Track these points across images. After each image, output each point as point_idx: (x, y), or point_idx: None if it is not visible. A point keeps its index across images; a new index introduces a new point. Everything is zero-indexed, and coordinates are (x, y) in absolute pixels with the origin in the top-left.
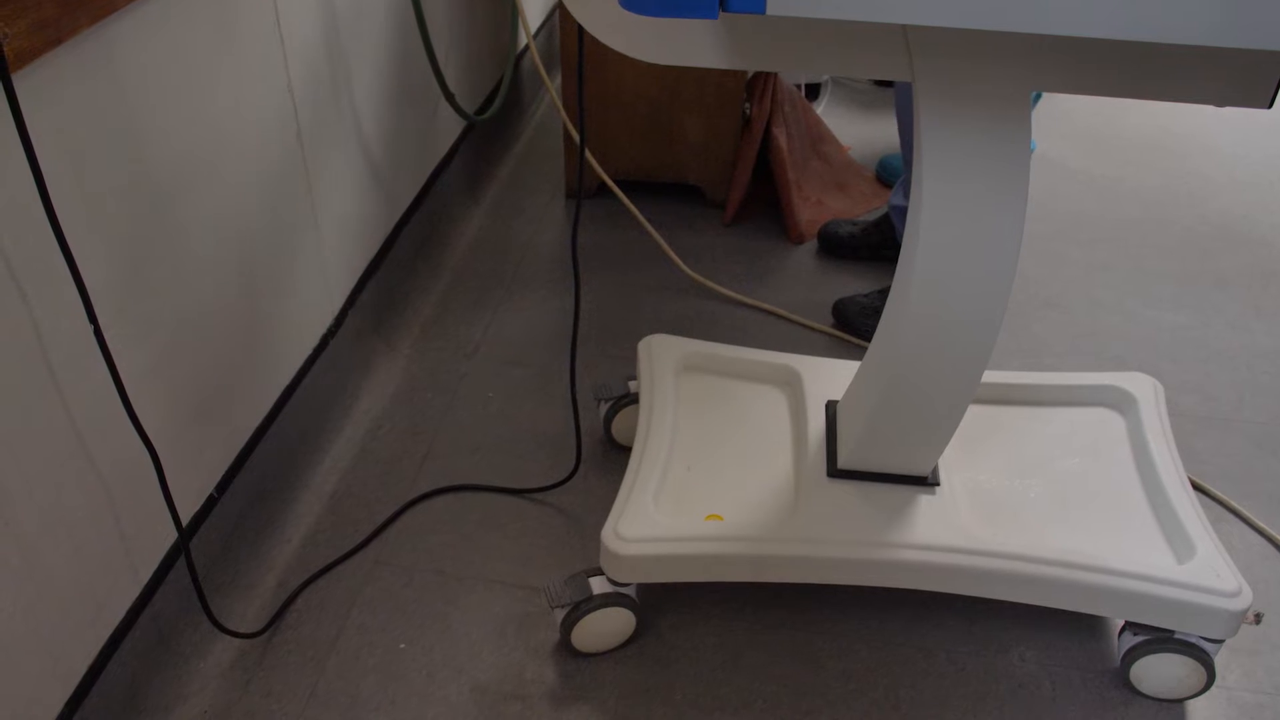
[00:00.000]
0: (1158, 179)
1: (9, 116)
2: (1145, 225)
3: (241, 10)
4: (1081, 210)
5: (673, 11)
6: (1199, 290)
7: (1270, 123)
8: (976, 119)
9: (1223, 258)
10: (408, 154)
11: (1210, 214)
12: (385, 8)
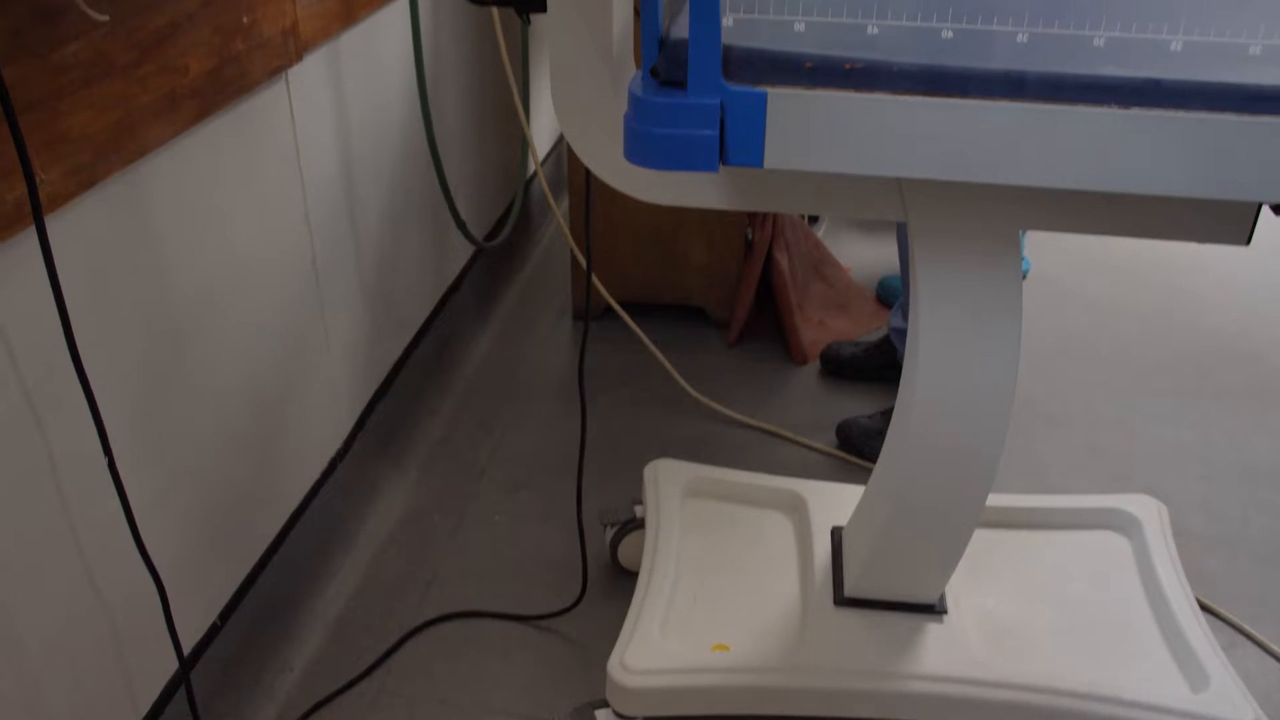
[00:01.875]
0: (1152, 296)
1: (38, 255)
2: (1142, 342)
3: (264, 147)
4: (1079, 328)
5: (675, 166)
6: (1199, 406)
7: (1259, 241)
8: (968, 255)
9: (1220, 373)
10: (419, 279)
11: (1206, 330)
12: (400, 139)
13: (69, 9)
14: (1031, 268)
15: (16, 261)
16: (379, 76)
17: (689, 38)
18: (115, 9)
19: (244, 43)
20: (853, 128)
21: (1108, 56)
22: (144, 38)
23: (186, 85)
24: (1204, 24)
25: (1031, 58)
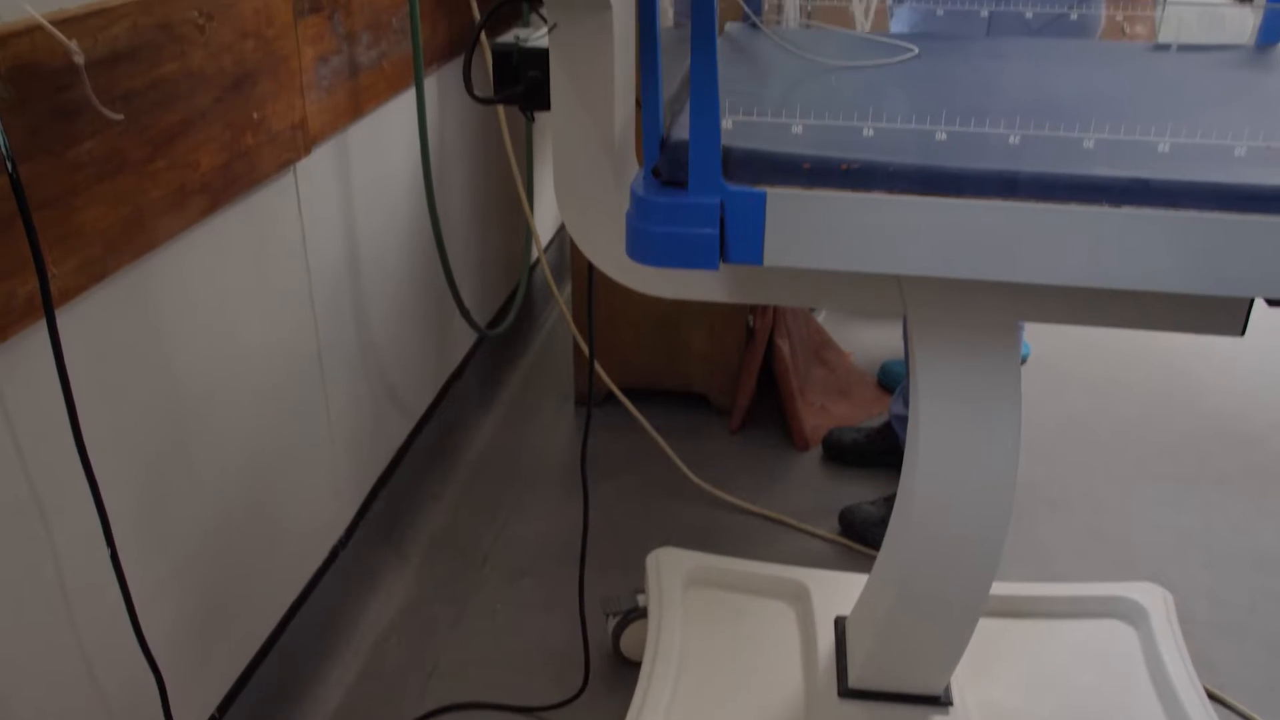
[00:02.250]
0: (1151, 380)
1: (47, 348)
2: (1142, 425)
3: (271, 239)
4: (1079, 411)
5: (676, 263)
6: (1201, 491)
7: (1256, 327)
8: (967, 346)
9: (1221, 457)
10: (422, 366)
11: (1206, 413)
12: (405, 228)
13: (85, 108)
14: (1031, 352)
15: (26, 354)
16: (385, 167)
17: (690, 139)
18: (130, 107)
19: (254, 137)
20: (850, 226)
21: (1098, 157)
22: (157, 134)
23: (197, 180)
24: (1190, 126)
25: (1024, 158)
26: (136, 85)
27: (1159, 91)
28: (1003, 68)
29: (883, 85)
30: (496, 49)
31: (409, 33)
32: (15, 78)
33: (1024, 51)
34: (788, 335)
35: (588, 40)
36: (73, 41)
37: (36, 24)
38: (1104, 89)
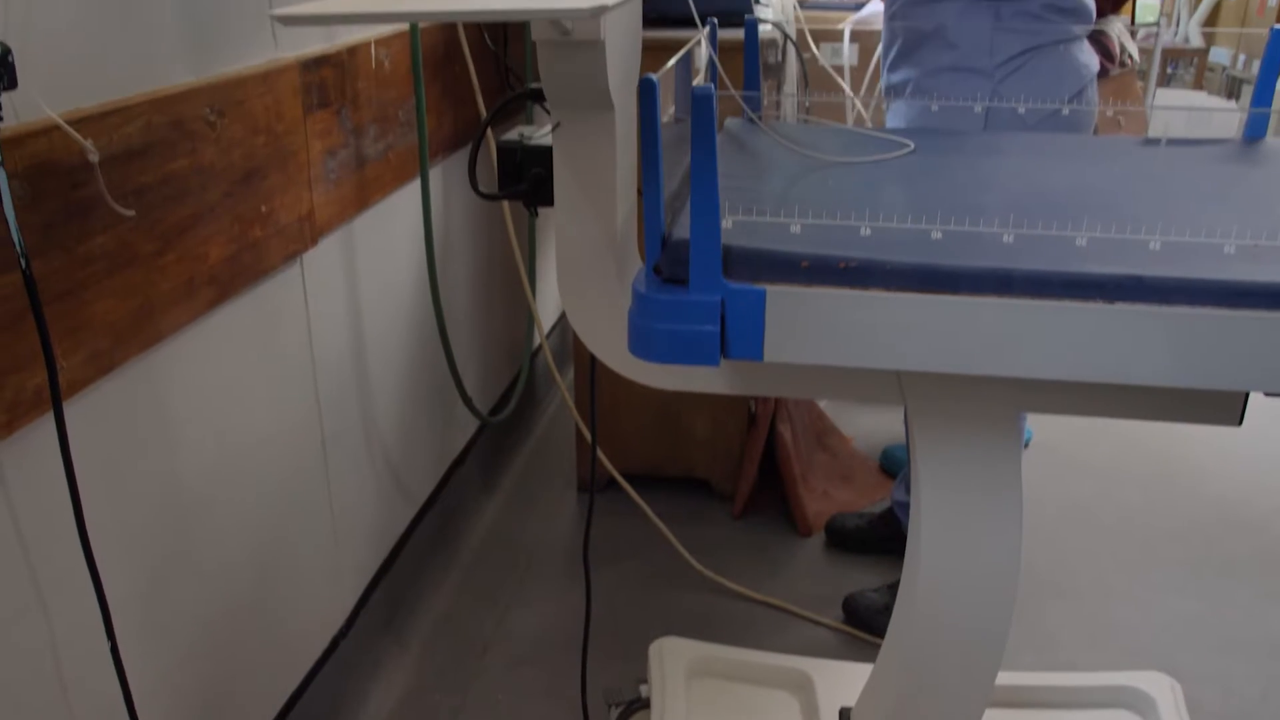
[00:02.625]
0: (1155, 465)
1: (54, 440)
2: (1147, 510)
3: (277, 329)
4: (1082, 497)
5: (678, 360)
6: (1208, 577)
7: (1257, 411)
8: (967, 437)
9: (1227, 542)
10: (424, 453)
11: (1210, 498)
12: (409, 316)
13: (98, 204)
14: (1033, 436)
15: (33, 446)
16: (390, 257)
17: (690, 239)
18: (141, 202)
19: (262, 230)
20: (849, 323)
21: (1090, 255)
22: (167, 228)
23: (205, 272)
24: (1180, 224)
25: (1018, 256)
26: (149, 181)
27: (1150, 187)
28: (997, 163)
29: (880, 181)
30: (501, 146)
31: (415, 125)
32: (32, 176)
33: (1018, 146)
34: (789, 421)
35: (591, 138)
36: (88, 140)
37: (54, 124)
38: (1096, 184)
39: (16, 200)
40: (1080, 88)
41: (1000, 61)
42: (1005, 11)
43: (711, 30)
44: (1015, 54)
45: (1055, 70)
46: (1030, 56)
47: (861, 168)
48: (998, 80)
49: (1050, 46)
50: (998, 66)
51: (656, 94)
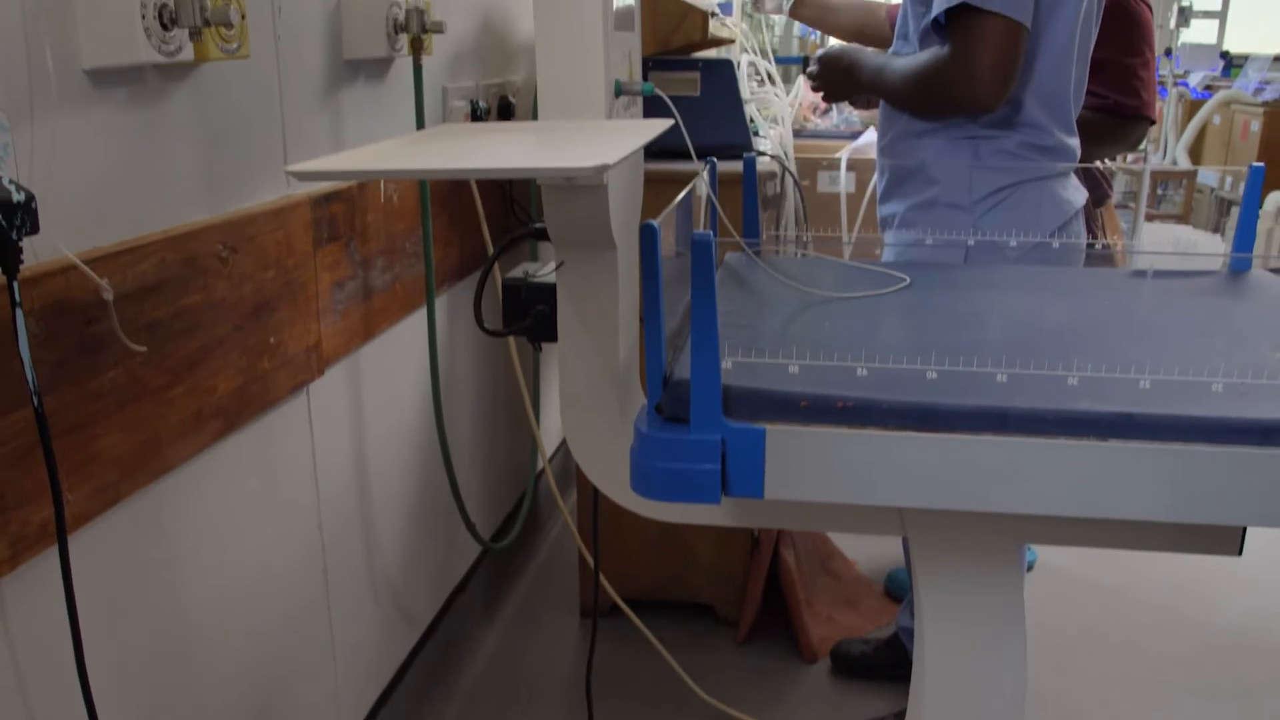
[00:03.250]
0: (1162, 585)
1: (57, 573)
2: (1157, 634)
3: (282, 460)
4: (1090, 619)
5: (679, 498)
6: (1224, 704)
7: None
8: (968, 569)
9: (1242, 666)
10: (426, 580)
11: (1221, 620)
12: (413, 443)
13: (111, 340)
14: (1038, 558)
15: (36, 580)
16: (395, 385)
17: (691, 379)
18: (153, 337)
19: (270, 361)
20: (848, 462)
21: (1082, 393)
22: (177, 362)
23: (213, 404)
24: (1169, 362)
25: (1012, 395)
26: (161, 316)
27: (1138, 322)
28: (990, 298)
29: (876, 317)
30: (506, 283)
31: (422, 255)
32: (48, 314)
33: (1010, 280)
34: (793, 545)
35: (594, 276)
36: (104, 280)
37: (71, 264)
38: (1086, 319)
39: (31, 338)
40: (1063, 223)
41: (979, 198)
42: (984, 150)
43: (711, 169)
44: (994, 190)
45: (1035, 206)
46: (1010, 192)
47: (858, 303)
48: (977, 216)
49: (1030, 183)
50: (976, 203)
51: (658, 240)
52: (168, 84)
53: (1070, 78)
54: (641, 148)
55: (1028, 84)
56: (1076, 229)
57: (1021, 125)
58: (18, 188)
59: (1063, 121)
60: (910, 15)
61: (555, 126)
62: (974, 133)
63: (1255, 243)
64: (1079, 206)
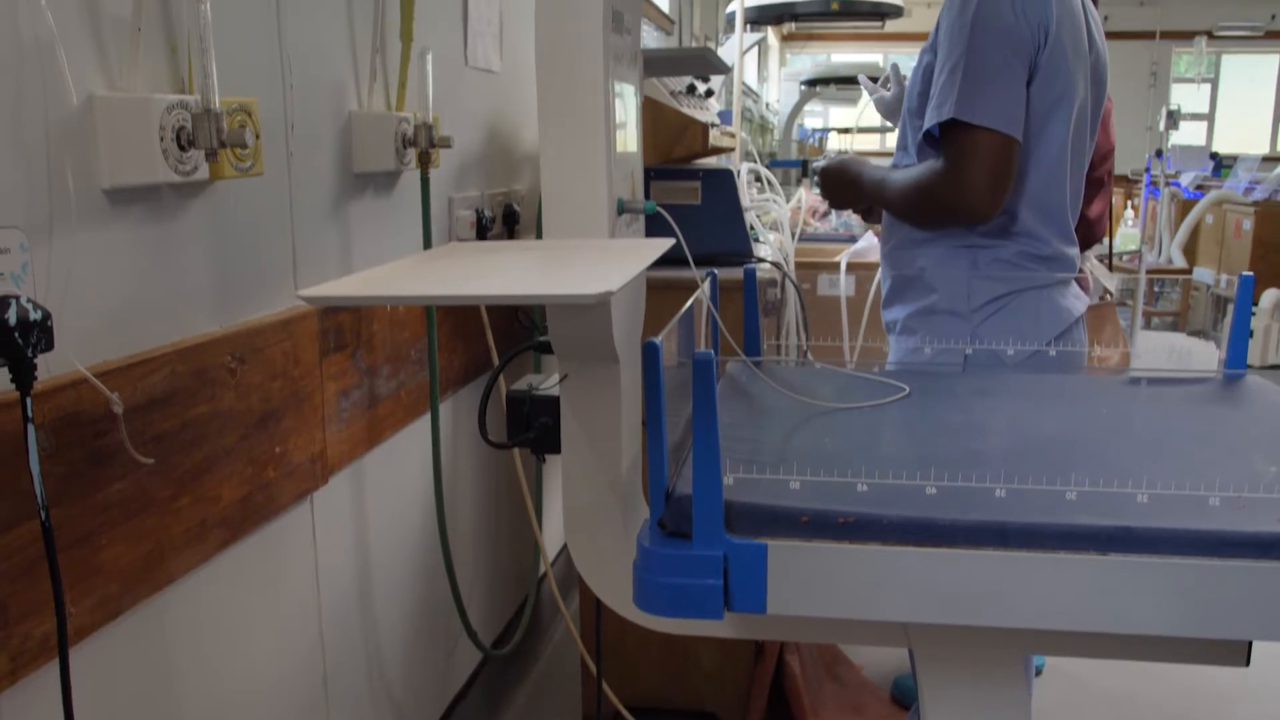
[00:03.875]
0: (1172, 689)
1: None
2: None
3: (285, 569)
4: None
5: (682, 614)
6: None
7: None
8: (973, 680)
9: None
10: (426, 688)
11: None
12: (415, 549)
13: (119, 452)
14: (1046, 663)
15: (36, 694)
16: (398, 491)
17: (693, 495)
18: (160, 449)
19: (275, 470)
20: (850, 577)
21: (1080, 507)
22: (183, 473)
23: (217, 514)
24: (1166, 475)
25: (1011, 509)
26: (169, 427)
27: (1135, 431)
28: (989, 407)
29: (877, 428)
30: (510, 395)
31: (427, 363)
32: (58, 427)
33: (1008, 388)
34: (797, 650)
35: (597, 389)
36: (115, 394)
37: (82, 378)
38: (1083, 429)
39: (41, 451)
40: (1062, 330)
41: (977, 306)
42: (982, 259)
43: (712, 281)
44: (992, 298)
45: (1033, 314)
46: (1009, 300)
47: (858, 414)
48: (976, 324)
49: (1029, 291)
50: (974, 311)
51: (660, 358)
52: (182, 201)
53: (1066, 188)
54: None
55: (1022, 194)
56: (1078, 336)
57: (1018, 235)
58: (35, 306)
59: (1060, 231)
60: (909, 128)
61: (559, 246)
62: (972, 242)
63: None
64: (1079, 314)
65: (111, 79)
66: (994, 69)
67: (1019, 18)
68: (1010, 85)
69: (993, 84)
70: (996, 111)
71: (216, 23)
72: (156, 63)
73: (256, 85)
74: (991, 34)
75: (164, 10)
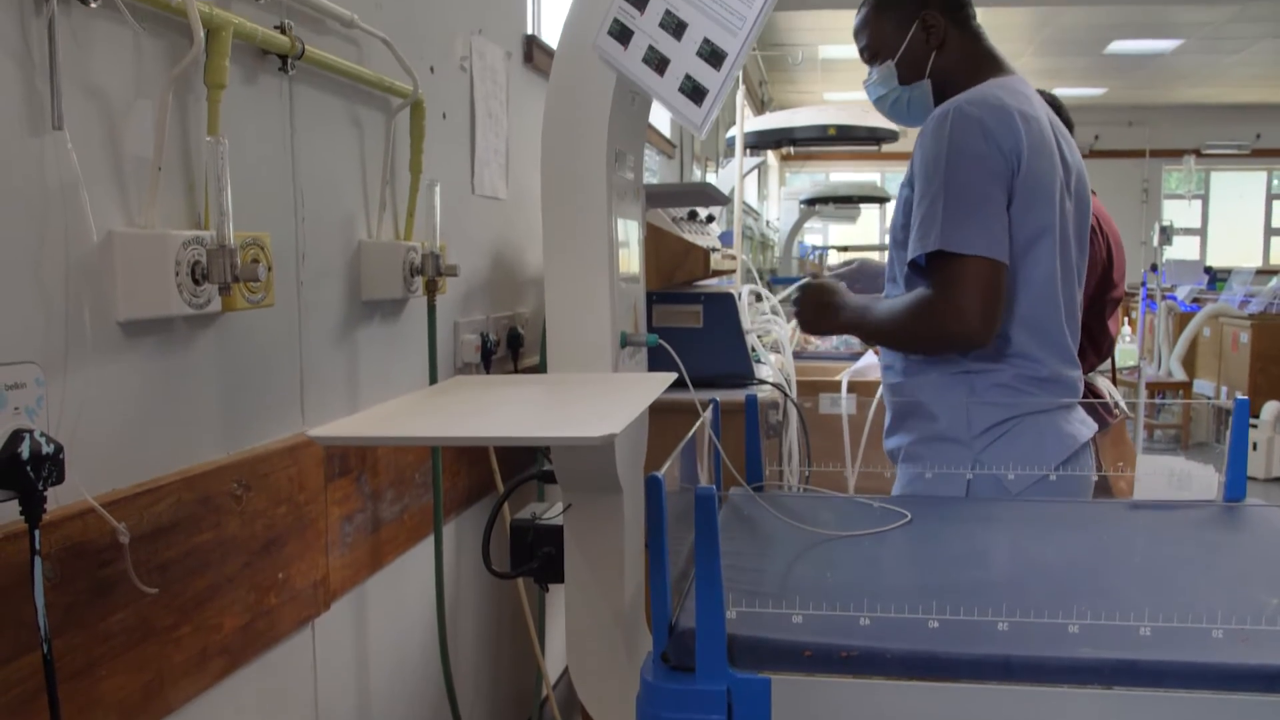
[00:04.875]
0: None
1: None
2: None
3: (285, 697)
4: None
5: None
6: None
7: None
8: None
9: None
10: None
11: None
12: (417, 671)
13: (123, 581)
14: None
15: None
16: (401, 615)
17: (696, 630)
18: (164, 577)
19: (277, 597)
20: (854, 712)
21: (1084, 639)
22: (185, 601)
23: (218, 642)
24: (1168, 606)
25: (1014, 643)
26: (173, 555)
27: (1137, 561)
28: (990, 535)
29: (879, 557)
30: (514, 524)
31: (430, 486)
32: (63, 558)
33: (1010, 515)
34: None
35: (600, 520)
36: (121, 523)
37: (90, 507)
38: (1085, 558)
39: (46, 582)
40: (1067, 456)
41: (978, 432)
42: (979, 384)
43: (714, 410)
44: (994, 424)
45: (1037, 440)
46: (1012, 425)
47: (862, 541)
48: (978, 450)
49: (1031, 416)
50: (975, 437)
51: (663, 493)
52: (194, 332)
53: (1059, 308)
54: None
55: (1013, 317)
56: (1085, 461)
57: (1012, 357)
58: (48, 440)
59: (1057, 352)
60: (895, 260)
61: (563, 381)
62: (967, 368)
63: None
64: (1085, 440)
65: (130, 215)
66: (974, 196)
67: (990, 145)
68: (991, 210)
69: (974, 211)
70: (981, 238)
71: (233, 159)
72: (174, 198)
73: (270, 217)
74: (966, 162)
75: (183, 148)
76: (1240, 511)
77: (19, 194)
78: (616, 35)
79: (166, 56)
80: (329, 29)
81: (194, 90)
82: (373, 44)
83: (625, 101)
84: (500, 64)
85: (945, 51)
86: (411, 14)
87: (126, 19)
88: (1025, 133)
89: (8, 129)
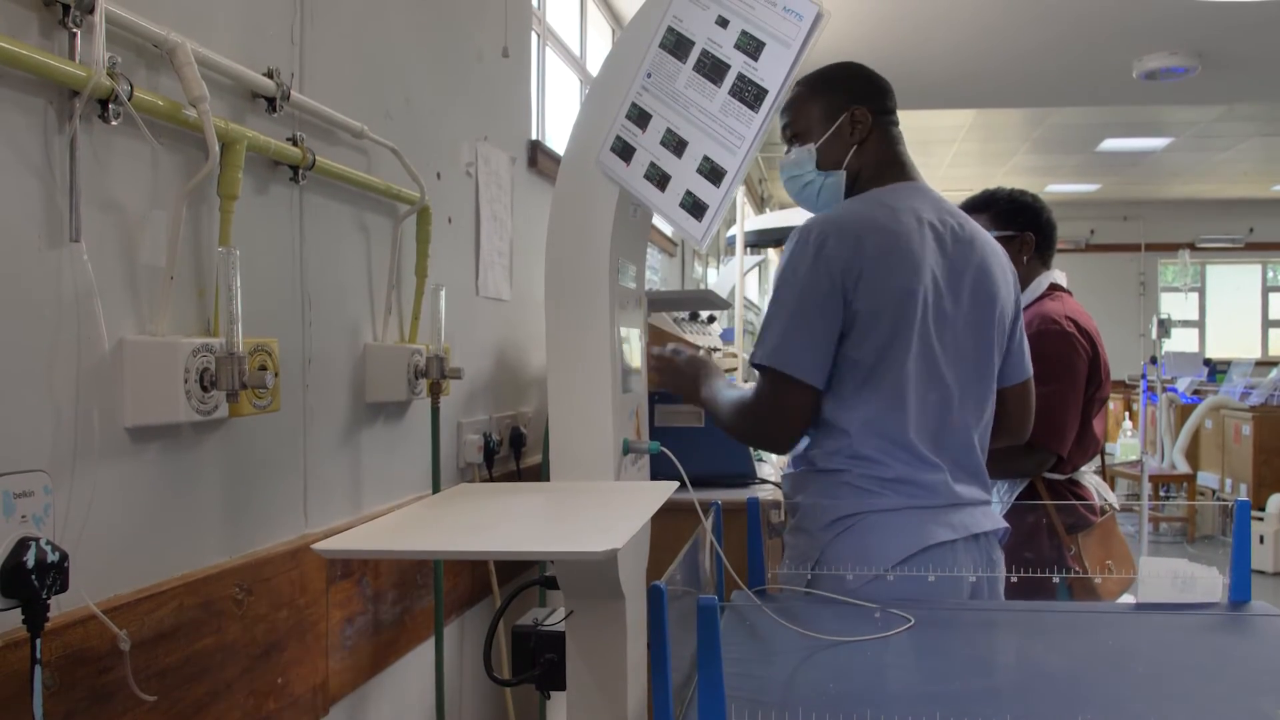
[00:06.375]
0: None
1: None
2: None
3: None
4: None
5: None
6: None
7: None
8: None
9: None
10: None
11: None
12: None
13: (122, 689)
14: None
15: None
16: (400, 719)
17: None
18: (163, 684)
19: (275, 703)
20: None
21: None
22: (184, 708)
23: None
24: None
25: None
26: (173, 661)
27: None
28: (995, 642)
29: (881, 665)
30: (516, 630)
31: (432, 587)
32: (64, 665)
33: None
34: None
35: (602, 626)
36: (122, 630)
37: (91, 614)
38: (1089, 667)
39: (45, 690)
40: (908, 555)
41: (823, 525)
42: (830, 482)
43: (716, 514)
44: (837, 518)
45: (879, 537)
46: (855, 521)
47: (863, 646)
48: (824, 543)
49: (877, 514)
50: (821, 529)
51: (665, 602)
52: (201, 437)
53: (906, 413)
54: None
55: (856, 419)
56: (951, 562)
57: (855, 459)
58: (53, 548)
59: (904, 456)
60: None
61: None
62: (818, 466)
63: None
64: (946, 540)
65: (142, 322)
66: (798, 320)
67: (819, 269)
68: (814, 335)
69: (795, 334)
70: (797, 361)
71: (243, 266)
72: (185, 305)
73: (278, 323)
74: (798, 284)
75: (195, 256)
76: (1245, 615)
77: (35, 305)
78: (619, 151)
79: (182, 169)
80: (339, 139)
81: (207, 200)
82: (381, 152)
83: (627, 213)
84: (505, 169)
85: (864, 149)
86: (420, 122)
87: (145, 135)
88: (870, 246)
89: (27, 243)
